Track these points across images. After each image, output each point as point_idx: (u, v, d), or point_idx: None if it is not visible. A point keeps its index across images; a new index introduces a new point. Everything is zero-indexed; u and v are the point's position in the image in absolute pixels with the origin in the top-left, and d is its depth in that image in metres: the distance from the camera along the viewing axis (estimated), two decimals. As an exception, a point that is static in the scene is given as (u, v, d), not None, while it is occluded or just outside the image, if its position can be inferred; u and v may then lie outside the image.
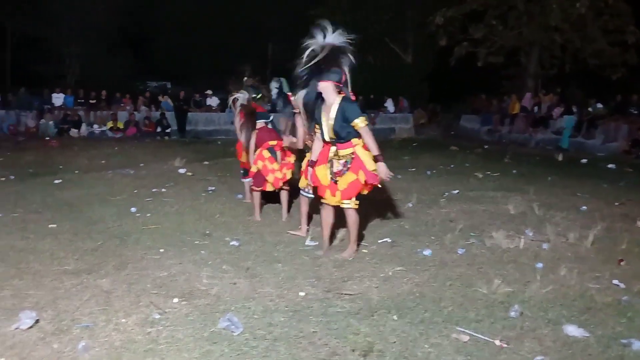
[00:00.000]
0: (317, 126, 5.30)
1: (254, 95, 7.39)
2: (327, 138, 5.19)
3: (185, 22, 28.14)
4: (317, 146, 5.36)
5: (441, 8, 21.30)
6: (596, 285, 4.58)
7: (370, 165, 5.09)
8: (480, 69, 22.14)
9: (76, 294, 4.25)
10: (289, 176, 6.78)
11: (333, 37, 5.12)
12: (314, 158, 5.35)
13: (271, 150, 6.72)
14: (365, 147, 5.13)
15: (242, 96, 7.19)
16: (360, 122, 5.04)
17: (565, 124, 17.67)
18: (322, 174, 5.25)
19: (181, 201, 7.67)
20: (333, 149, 5.19)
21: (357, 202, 5.21)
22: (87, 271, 4.78)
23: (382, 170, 5.11)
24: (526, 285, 4.54)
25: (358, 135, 5.11)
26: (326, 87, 5.09)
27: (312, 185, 5.51)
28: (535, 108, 19.97)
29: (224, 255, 5.32)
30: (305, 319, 3.83)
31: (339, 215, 5.41)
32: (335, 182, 5.17)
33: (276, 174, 6.66)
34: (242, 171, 7.76)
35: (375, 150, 5.09)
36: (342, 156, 5.16)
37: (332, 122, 5.08)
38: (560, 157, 14.00)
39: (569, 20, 19.91)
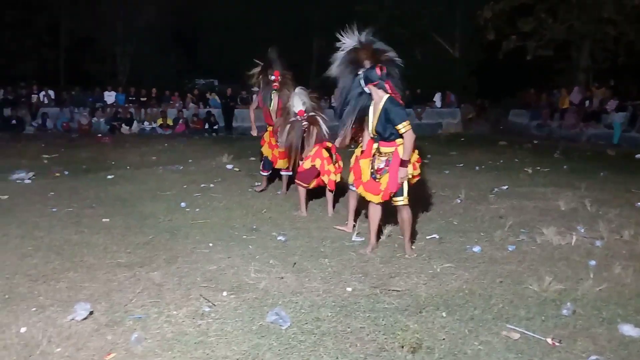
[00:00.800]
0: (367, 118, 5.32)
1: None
2: (370, 134, 5.23)
3: (232, 19, 28.42)
4: (367, 137, 5.44)
5: (489, 1, 20.92)
6: (653, 283, 4.45)
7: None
8: (529, 63, 21.64)
9: (129, 287, 4.36)
10: (338, 179, 6.79)
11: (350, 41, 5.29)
12: (363, 147, 5.41)
13: (328, 150, 6.73)
14: None
15: (298, 101, 6.83)
16: (402, 128, 4.97)
17: (614, 120, 17.17)
18: (365, 167, 5.28)
19: (229, 196, 7.76)
20: (375, 145, 5.22)
21: (408, 197, 5.16)
22: (139, 264, 4.90)
23: (402, 174, 5.03)
24: (579, 283, 4.44)
25: (402, 136, 5.05)
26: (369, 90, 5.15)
27: (354, 176, 5.52)
28: (587, 102, 19.43)
29: (271, 250, 5.37)
30: (352, 315, 3.84)
31: (385, 211, 5.38)
32: (375, 178, 5.16)
33: (331, 175, 6.68)
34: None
35: (406, 155, 5.00)
36: (384, 153, 5.14)
37: (375, 121, 5.09)
38: (612, 153, 13.62)
39: (623, 12, 19.26)
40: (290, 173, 7.58)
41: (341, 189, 6.98)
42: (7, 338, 3.46)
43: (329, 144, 6.75)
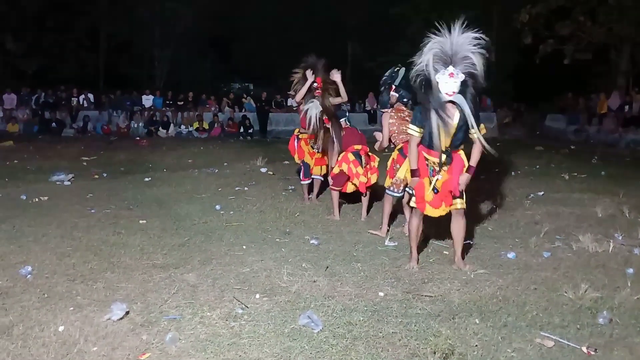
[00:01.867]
0: (418, 129, 4.76)
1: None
2: (442, 146, 4.69)
3: (267, 23, 28.65)
4: (415, 152, 4.83)
5: (526, 4, 20.59)
6: (694, 293, 4.34)
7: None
8: (567, 67, 21.24)
9: (164, 288, 4.42)
10: (373, 180, 6.76)
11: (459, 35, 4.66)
12: (414, 166, 4.84)
13: (356, 154, 6.72)
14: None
15: (314, 105, 7.11)
16: (482, 129, 4.72)
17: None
18: (427, 186, 4.82)
19: (262, 199, 7.81)
20: (443, 157, 4.76)
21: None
22: (175, 266, 4.97)
23: (464, 180, 4.84)
24: (616, 291, 4.35)
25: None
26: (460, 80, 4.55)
27: (415, 195, 4.90)
28: (626, 107, 19.00)
29: (304, 254, 5.39)
30: (384, 319, 3.83)
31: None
32: (435, 192, 4.82)
33: (361, 178, 6.65)
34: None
35: (474, 161, 4.80)
36: (448, 163, 4.81)
37: (453, 130, 4.64)
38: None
39: (665, 15, 18.82)
40: (322, 178, 7.67)
41: (376, 193, 6.97)
42: (46, 336, 3.55)
43: (358, 147, 6.74)
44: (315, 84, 7.29)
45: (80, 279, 4.62)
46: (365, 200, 6.89)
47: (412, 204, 4.98)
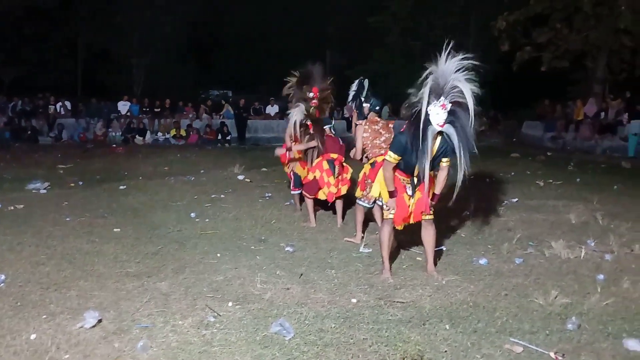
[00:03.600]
0: (396, 157, 4.72)
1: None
2: (427, 168, 4.63)
3: (247, 31, 28.70)
4: (391, 176, 4.84)
5: (504, 12, 20.79)
6: (661, 299, 4.42)
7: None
8: (544, 74, 21.46)
9: (137, 296, 4.42)
10: (343, 192, 6.78)
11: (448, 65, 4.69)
12: (392, 188, 4.85)
13: (330, 162, 6.74)
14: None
15: (299, 110, 6.97)
16: (446, 161, 4.76)
17: (630, 131, 16.98)
18: (407, 203, 4.93)
19: (239, 207, 7.81)
20: (415, 180, 4.89)
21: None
22: (148, 274, 4.96)
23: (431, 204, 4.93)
24: (585, 297, 4.42)
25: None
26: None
27: (395, 212, 4.92)
28: (602, 114, 19.27)
29: (279, 261, 5.41)
30: (356, 326, 3.86)
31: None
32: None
33: (331, 188, 6.68)
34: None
35: (439, 189, 4.86)
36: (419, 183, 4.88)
37: (434, 153, 4.64)
38: (627, 165, 13.48)
39: (640, 23, 19.09)
40: (297, 191, 7.66)
41: (350, 200, 7.00)
42: (17, 344, 3.53)
43: (334, 155, 6.76)
44: (311, 94, 7.02)
45: (54, 287, 4.60)
46: (339, 207, 6.92)
47: (387, 216, 4.99)
